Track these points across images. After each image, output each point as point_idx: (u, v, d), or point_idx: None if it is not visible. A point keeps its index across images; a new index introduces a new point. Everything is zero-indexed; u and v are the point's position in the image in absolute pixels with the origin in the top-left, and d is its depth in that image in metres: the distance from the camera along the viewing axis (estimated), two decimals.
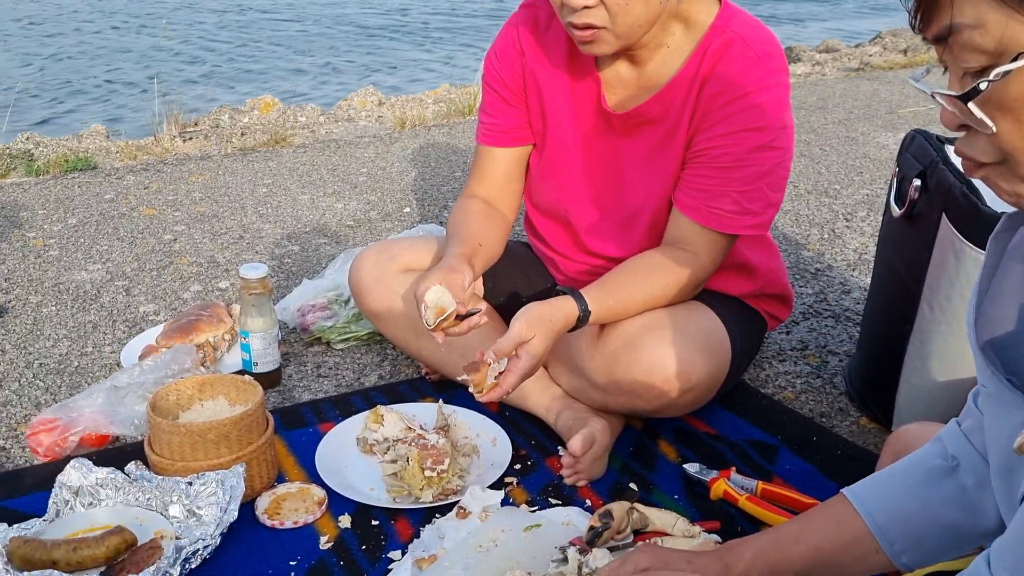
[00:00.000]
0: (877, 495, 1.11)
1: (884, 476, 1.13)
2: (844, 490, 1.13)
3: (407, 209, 3.06)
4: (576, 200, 1.79)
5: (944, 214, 1.59)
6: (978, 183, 1.57)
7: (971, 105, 0.75)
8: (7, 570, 1.35)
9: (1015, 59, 0.71)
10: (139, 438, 1.76)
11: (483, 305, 1.65)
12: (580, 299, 1.56)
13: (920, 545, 1.07)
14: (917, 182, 1.67)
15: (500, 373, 1.49)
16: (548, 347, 1.53)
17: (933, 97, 0.78)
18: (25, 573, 1.34)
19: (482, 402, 1.53)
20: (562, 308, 1.55)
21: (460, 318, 1.55)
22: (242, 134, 3.96)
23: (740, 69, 1.57)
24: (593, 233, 1.79)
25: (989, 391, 0.90)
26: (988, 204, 1.53)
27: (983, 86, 0.73)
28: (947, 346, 1.63)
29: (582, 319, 1.56)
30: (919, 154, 1.72)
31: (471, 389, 1.50)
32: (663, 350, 1.58)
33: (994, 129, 0.75)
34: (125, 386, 1.76)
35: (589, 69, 1.71)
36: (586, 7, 1.48)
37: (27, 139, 3.86)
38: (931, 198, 1.64)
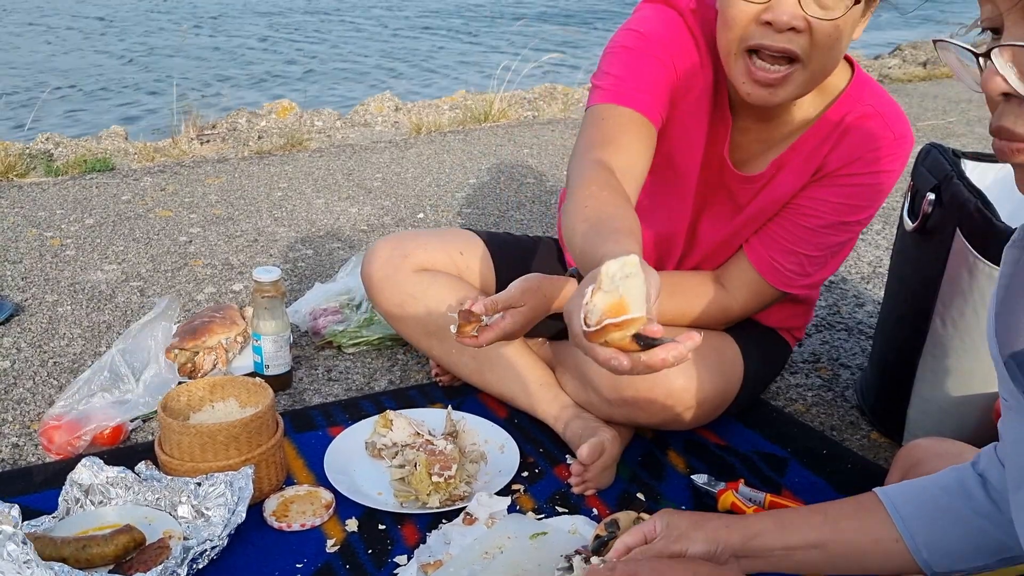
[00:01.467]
0: (904, 492, 1.10)
1: (915, 480, 1.13)
2: (874, 489, 1.13)
3: (421, 215, 3.07)
4: (656, 224, 1.70)
5: (958, 229, 1.58)
6: (992, 197, 1.56)
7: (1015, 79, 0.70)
8: (25, 542, 1.36)
9: None
10: (150, 437, 1.78)
11: (698, 337, 0.97)
12: None
13: (942, 542, 1.06)
14: (931, 196, 1.66)
15: (487, 325, 1.41)
16: (536, 318, 1.43)
17: (984, 57, 0.72)
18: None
19: (456, 340, 1.40)
20: (561, 286, 1.49)
21: (643, 342, 0.95)
22: (259, 137, 3.99)
23: (877, 146, 1.53)
24: (658, 263, 1.75)
25: (1010, 404, 0.89)
26: (1002, 219, 1.52)
27: None
28: (959, 361, 1.62)
29: None
30: (934, 168, 1.71)
31: (452, 328, 1.39)
32: None
33: None
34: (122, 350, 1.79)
35: (724, 110, 1.58)
36: (793, 29, 1.34)
37: (47, 139, 3.90)
38: (945, 212, 1.63)
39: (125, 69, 9.17)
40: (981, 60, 0.73)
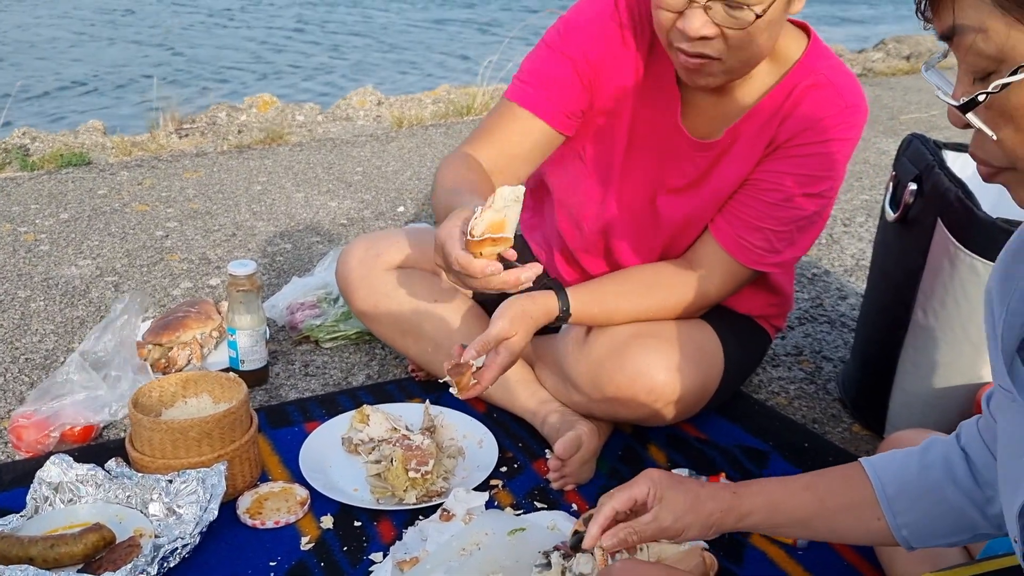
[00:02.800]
0: (892, 468, 1.10)
1: (903, 453, 1.13)
2: (861, 459, 1.13)
3: (401, 208, 3.04)
4: (613, 211, 1.68)
5: (939, 219, 1.57)
6: (973, 187, 1.55)
7: (970, 115, 0.74)
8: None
9: (1015, 72, 0.70)
10: (121, 434, 1.75)
11: (539, 267, 1.25)
12: (563, 297, 1.53)
13: (923, 521, 1.07)
14: (912, 186, 1.65)
15: (478, 368, 1.44)
16: (527, 342, 1.49)
17: (962, 110, 0.76)
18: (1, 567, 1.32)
19: (462, 399, 1.46)
20: (543, 304, 1.51)
21: (503, 262, 1.22)
22: (239, 132, 3.94)
23: (827, 114, 1.51)
24: (625, 251, 1.71)
25: (1007, 395, 0.90)
26: (983, 209, 1.51)
27: (981, 98, 0.72)
28: (941, 352, 1.61)
29: (561, 317, 1.54)
30: (915, 158, 1.70)
31: (451, 390, 1.44)
32: (649, 359, 1.55)
33: (995, 137, 0.74)
34: (90, 351, 1.76)
35: (669, 82, 1.57)
36: (704, 37, 1.36)
37: (23, 134, 3.84)
38: (926, 202, 1.62)
39: (108, 62, 9.08)
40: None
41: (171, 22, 11.22)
